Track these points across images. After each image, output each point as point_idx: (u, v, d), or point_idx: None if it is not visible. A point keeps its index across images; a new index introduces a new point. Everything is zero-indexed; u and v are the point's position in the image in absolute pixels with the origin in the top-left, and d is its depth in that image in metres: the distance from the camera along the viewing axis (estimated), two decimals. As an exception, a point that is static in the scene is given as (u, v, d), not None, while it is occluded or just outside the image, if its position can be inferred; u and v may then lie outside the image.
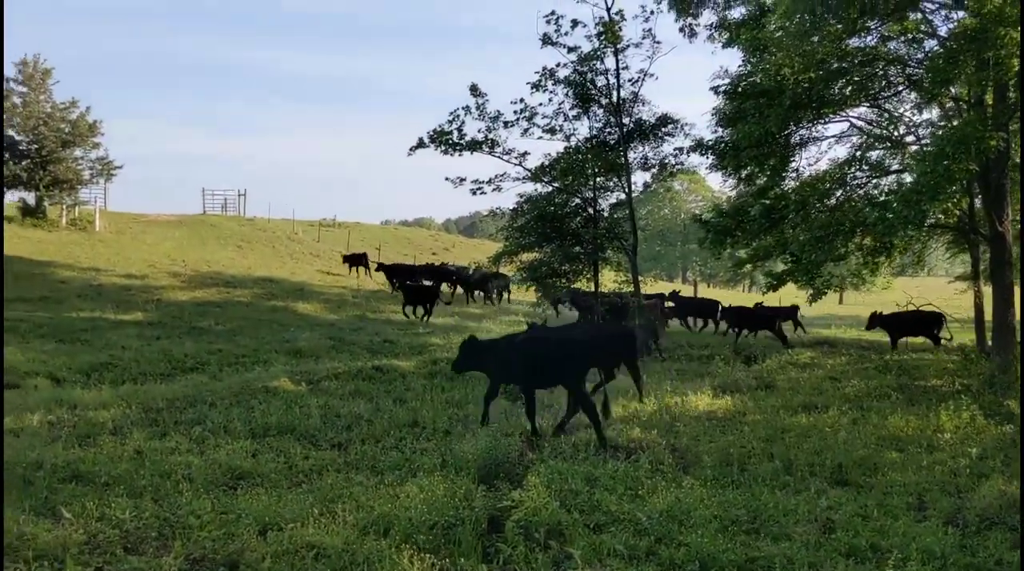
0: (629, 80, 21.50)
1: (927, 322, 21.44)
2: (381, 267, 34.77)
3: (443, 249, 55.24)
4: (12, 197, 38.88)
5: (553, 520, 6.84)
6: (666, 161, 21.57)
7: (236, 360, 18.50)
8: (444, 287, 33.24)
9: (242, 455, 9.41)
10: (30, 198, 38.70)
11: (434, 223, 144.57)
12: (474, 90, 21.50)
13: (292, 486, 8.37)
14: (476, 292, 34.31)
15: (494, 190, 21.56)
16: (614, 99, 21.37)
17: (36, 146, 37.79)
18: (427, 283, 30.88)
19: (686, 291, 53.07)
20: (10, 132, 38.05)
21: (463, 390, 15.07)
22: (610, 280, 22.60)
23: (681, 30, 25.32)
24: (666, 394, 14.10)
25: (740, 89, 18.31)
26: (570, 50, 21.25)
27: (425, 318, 26.86)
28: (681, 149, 21.38)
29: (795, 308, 26.50)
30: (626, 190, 21.42)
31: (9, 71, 38.16)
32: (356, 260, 37.87)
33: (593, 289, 22.03)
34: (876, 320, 21.95)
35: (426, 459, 9.27)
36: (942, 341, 21.00)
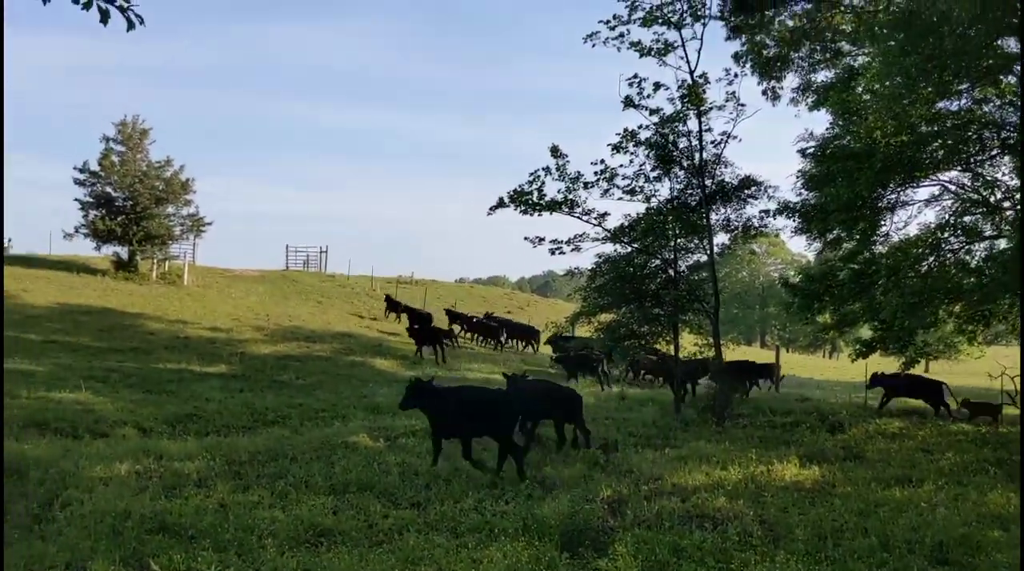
0: (711, 142, 21.38)
1: (928, 388, 21.25)
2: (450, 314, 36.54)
3: (518, 308, 55.30)
4: (107, 250, 40.52)
5: (642, 593, 6.61)
6: (749, 223, 21.28)
7: (316, 414, 18.69)
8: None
9: (323, 511, 9.41)
10: (123, 252, 40.25)
11: (508, 281, 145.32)
12: (555, 151, 21.62)
13: (373, 545, 8.30)
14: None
15: (572, 250, 21.50)
16: (696, 161, 21.25)
17: (131, 202, 39.45)
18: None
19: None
20: (107, 189, 39.87)
21: (539, 453, 14.89)
22: (690, 342, 22.20)
23: (764, 93, 25.24)
24: (751, 462, 13.68)
25: (828, 151, 18.05)
26: (652, 112, 21.26)
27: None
28: (767, 211, 21.10)
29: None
30: (708, 252, 21.16)
31: (109, 131, 40.17)
32: (395, 306, 39.02)
33: (673, 352, 21.67)
34: (876, 380, 21.63)
35: (507, 522, 9.11)
36: (950, 409, 20.43)
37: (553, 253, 21.29)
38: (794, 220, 19.41)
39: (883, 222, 18.62)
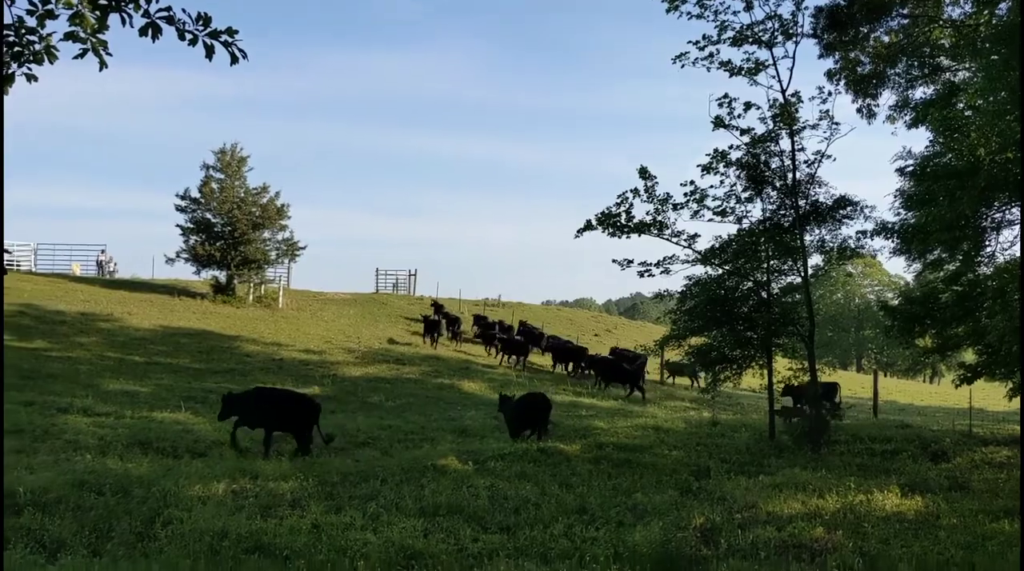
0: (805, 161, 20.89)
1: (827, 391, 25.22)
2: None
3: (605, 330, 54.97)
4: (206, 274, 41.97)
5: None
6: (845, 245, 20.66)
7: (405, 436, 18.84)
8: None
9: (414, 534, 9.46)
10: (222, 276, 41.60)
11: (594, 304, 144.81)
12: (643, 173, 21.44)
13: (463, 570, 8.29)
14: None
15: (662, 272, 21.23)
16: (789, 181, 20.80)
17: (229, 228, 40.79)
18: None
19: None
20: (207, 214, 41.34)
21: (630, 477, 14.70)
22: (784, 367, 21.63)
23: (859, 111, 24.59)
24: (849, 491, 13.19)
25: (928, 170, 17.42)
26: (743, 132, 20.92)
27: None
28: (864, 232, 20.46)
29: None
30: (802, 274, 20.62)
31: (209, 158, 41.69)
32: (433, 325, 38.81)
33: (768, 377, 21.14)
34: (787, 390, 22.95)
35: (597, 549, 8.99)
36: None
37: (642, 275, 21.06)
38: (893, 241, 18.77)
39: (988, 242, 17.85)
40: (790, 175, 20.78)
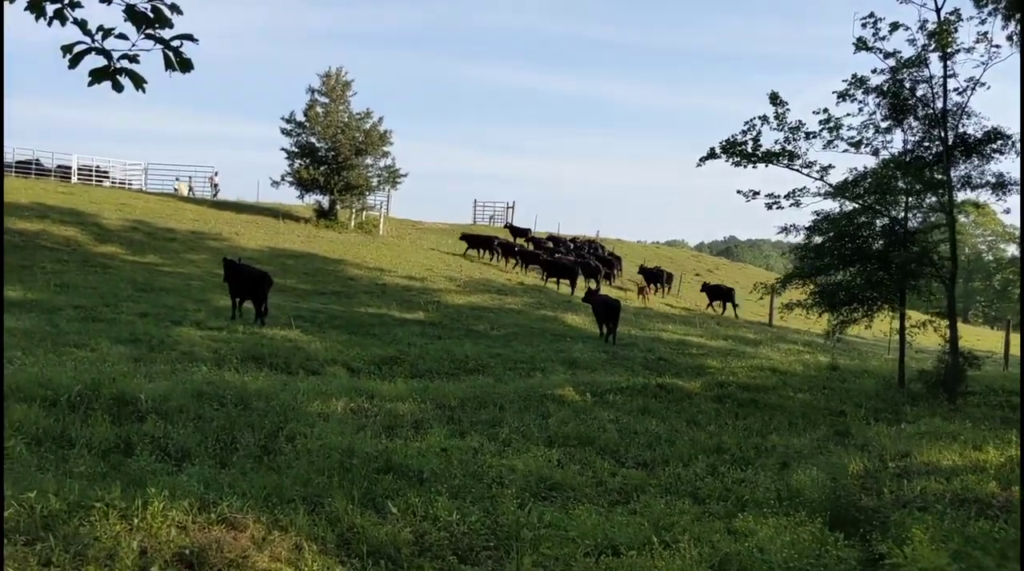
0: (955, 89, 19.10)
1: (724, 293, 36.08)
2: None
3: (707, 270, 53.49)
4: (309, 199, 42.05)
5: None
6: (1002, 180, 18.82)
7: (514, 365, 18.31)
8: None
9: (548, 464, 8.81)
10: (325, 202, 41.64)
11: (687, 245, 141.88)
12: (774, 99, 20.01)
13: (612, 504, 7.61)
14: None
15: (792, 205, 19.88)
16: (936, 110, 19.07)
17: (333, 153, 40.65)
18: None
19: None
20: (311, 139, 41.24)
21: (760, 418, 13.82)
22: (921, 311, 20.24)
23: (1009, 38, 22.38)
24: (1011, 444, 11.99)
25: None
26: (887, 55, 19.23)
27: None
28: None
29: None
30: (947, 211, 18.99)
31: (314, 82, 41.41)
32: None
33: (900, 321, 19.73)
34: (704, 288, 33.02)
35: (755, 492, 8.17)
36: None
37: (770, 207, 19.81)
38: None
39: None
40: (939, 102, 19.06)
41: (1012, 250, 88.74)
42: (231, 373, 13.48)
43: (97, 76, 4.59)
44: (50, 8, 4.52)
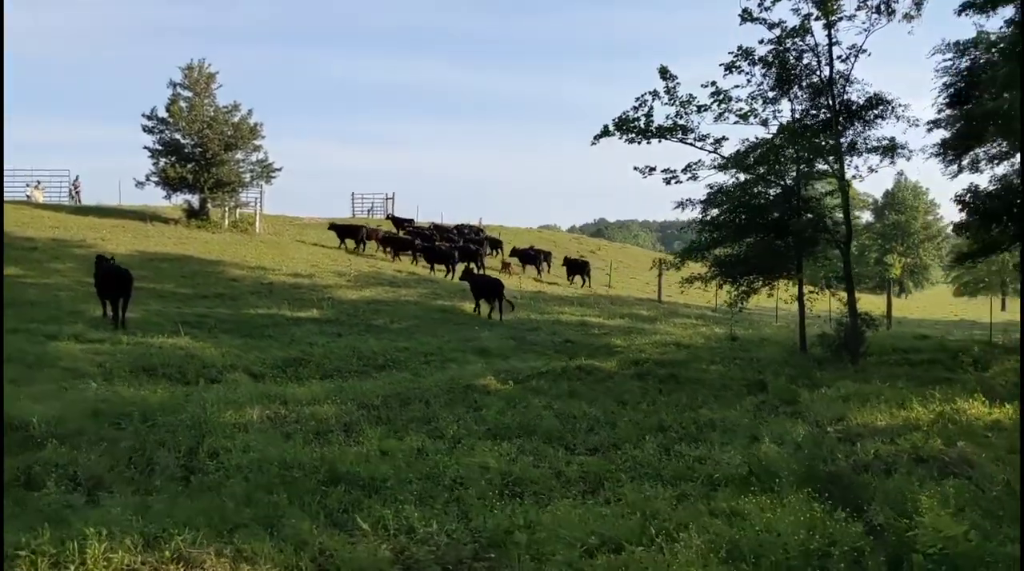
0: (838, 57, 19.52)
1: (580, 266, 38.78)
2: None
3: (589, 251, 53.84)
4: (177, 199, 39.71)
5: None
6: (882, 145, 19.35)
7: (425, 358, 17.66)
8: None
9: (500, 458, 8.25)
10: (195, 201, 39.44)
11: (560, 229, 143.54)
12: (663, 73, 19.94)
13: (581, 495, 7.12)
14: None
15: (689, 178, 19.91)
16: (821, 77, 19.45)
17: (200, 149, 38.49)
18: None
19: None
20: (176, 135, 38.95)
21: (684, 394, 13.65)
22: (817, 276, 20.63)
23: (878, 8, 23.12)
24: (932, 400, 12.16)
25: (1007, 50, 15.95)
26: (772, 26, 19.47)
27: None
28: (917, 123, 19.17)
29: None
30: (838, 177, 19.38)
31: (176, 76, 39.10)
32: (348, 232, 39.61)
33: (798, 288, 20.06)
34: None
35: (718, 468, 7.85)
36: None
37: (668, 182, 19.76)
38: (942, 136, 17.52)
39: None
40: (826, 70, 19.44)
41: (866, 216, 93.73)
42: (124, 387, 12.31)
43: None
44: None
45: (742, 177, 20.52)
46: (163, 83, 38.81)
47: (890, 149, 18.91)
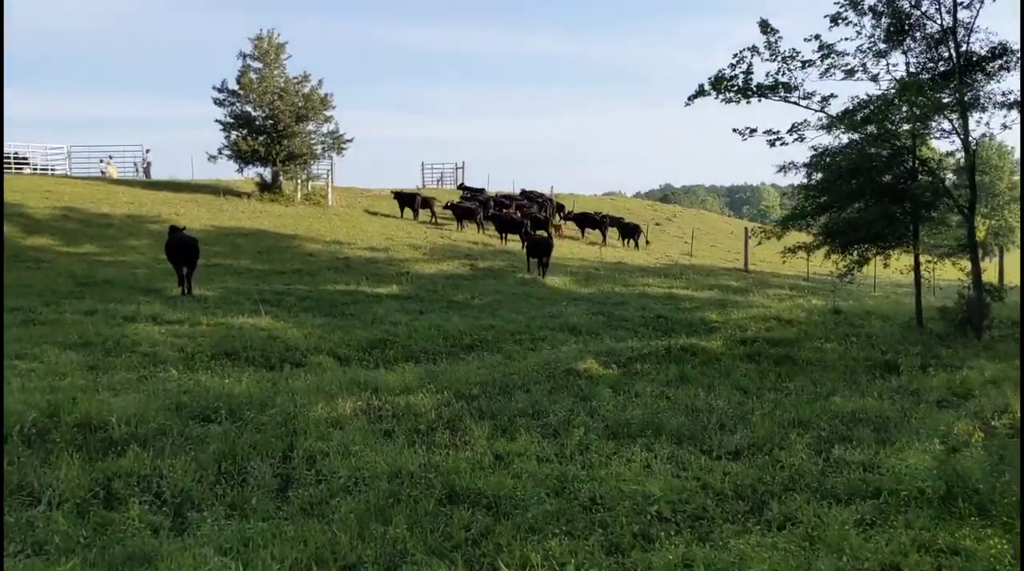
0: (960, 3, 17.72)
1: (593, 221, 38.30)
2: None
3: (665, 219, 52.31)
4: (249, 173, 39.34)
5: None
6: (1007, 99, 17.50)
7: (512, 337, 16.66)
8: None
9: (636, 471, 7.15)
10: (267, 174, 39.05)
11: (625, 195, 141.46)
12: (764, 26, 18.35)
13: (742, 517, 6.02)
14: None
15: (795, 140, 18.37)
16: (945, 23, 17.66)
17: (272, 121, 38.01)
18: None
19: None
20: (247, 107, 38.50)
21: (806, 378, 12.38)
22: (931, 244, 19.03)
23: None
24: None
25: None
26: (885, -30, 17.74)
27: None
28: None
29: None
30: (961, 136, 17.67)
31: (245, 47, 38.61)
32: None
33: (914, 257, 18.47)
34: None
35: (897, 482, 6.64)
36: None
37: (773, 144, 18.21)
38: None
39: None
40: (947, 17, 17.65)
41: (948, 177, 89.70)
42: (207, 375, 11.56)
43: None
44: None
45: (845, 138, 18.96)
46: (233, 55, 38.40)
47: (1005, 105, 17.04)
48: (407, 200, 38.61)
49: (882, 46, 18.56)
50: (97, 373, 11.61)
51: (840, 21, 18.57)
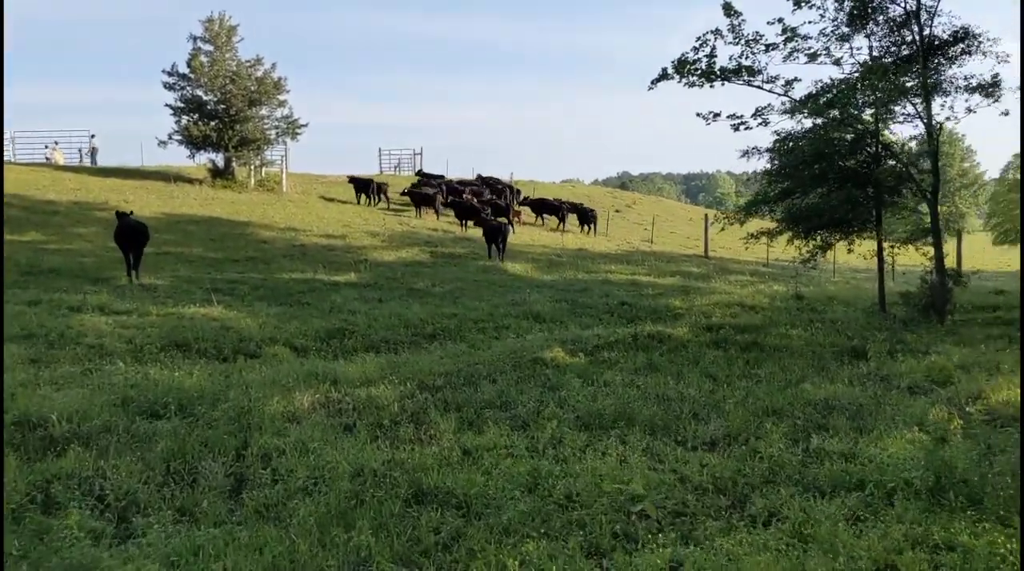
0: (922, -15, 17.62)
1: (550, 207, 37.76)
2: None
3: (625, 206, 52.20)
4: (201, 159, 38.34)
5: None
6: (997, 80, 17.43)
7: (475, 325, 16.25)
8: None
9: (611, 465, 6.82)
10: (219, 159, 38.07)
11: (582, 183, 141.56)
12: (727, 9, 18.11)
13: (725, 511, 5.72)
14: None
15: (759, 124, 18.21)
16: (907, 7, 17.57)
17: (224, 106, 37.02)
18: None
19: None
20: (198, 92, 37.44)
21: (774, 364, 12.18)
22: (900, 228, 19.01)
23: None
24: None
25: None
26: (848, -48, 17.59)
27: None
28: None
29: None
30: (924, 120, 17.61)
31: (195, 29, 37.52)
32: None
33: (877, 243, 18.44)
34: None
35: (882, 474, 6.39)
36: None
37: (737, 129, 18.05)
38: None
39: None
40: (911, 1, 17.56)
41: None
42: (156, 368, 11.04)
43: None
44: None
45: (808, 123, 18.87)
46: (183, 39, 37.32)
47: (993, 86, 17.00)
48: (363, 186, 37.96)
49: (845, 29, 18.50)
50: (39, 367, 11.01)
51: (803, 4, 18.46)
